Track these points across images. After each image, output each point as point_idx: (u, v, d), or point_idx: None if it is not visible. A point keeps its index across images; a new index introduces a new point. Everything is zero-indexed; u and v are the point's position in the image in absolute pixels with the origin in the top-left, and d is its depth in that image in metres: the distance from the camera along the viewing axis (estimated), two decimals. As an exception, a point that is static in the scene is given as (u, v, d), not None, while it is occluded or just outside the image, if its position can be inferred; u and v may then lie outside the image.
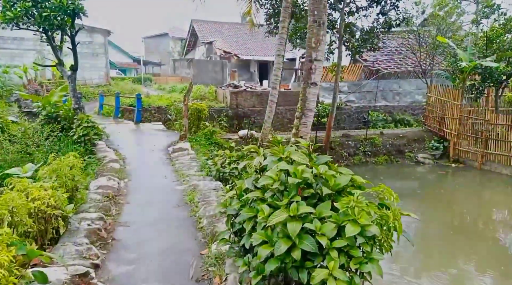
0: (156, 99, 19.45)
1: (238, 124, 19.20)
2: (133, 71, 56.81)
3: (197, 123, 12.17)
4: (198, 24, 36.47)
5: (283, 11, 10.86)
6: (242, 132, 12.97)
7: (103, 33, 26.04)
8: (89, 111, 19.32)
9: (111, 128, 12.89)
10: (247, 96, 19.39)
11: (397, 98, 21.52)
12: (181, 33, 60.41)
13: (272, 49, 36.90)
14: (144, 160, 9.37)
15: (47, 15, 7.78)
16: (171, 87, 29.41)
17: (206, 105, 12.34)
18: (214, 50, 33.97)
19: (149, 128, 13.66)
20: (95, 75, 25.61)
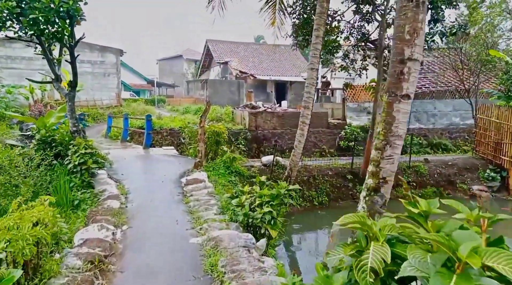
0: (169, 121, 17.91)
1: (258, 148, 17.43)
2: (147, 92, 56.30)
3: (214, 149, 10.42)
4: (213, 44, 35.51)
5: (317, 18, 9.23)
6: (266, 159, 11.16)
7: (115, 53, 25.02)
8: (97, 134, 17.88)
9: (116, 154, 11.24)
10: (267, 117, 17.68)
11: (432, 120, 19.50)
12: (195, 55, 60.12)
13: (289, 69, 35.59)
14: (151, 195, 7.58)
15: (35, 17, 6.32)
16: (185, 108, 27.98)
17: (224, 128, 10.61)
18: (229, 71, 32.76)
19: (159, 153, 11.97)
20: (106, 95, 24.40)
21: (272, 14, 13.11)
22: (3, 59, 22.42)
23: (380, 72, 11.58)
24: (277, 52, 37.26)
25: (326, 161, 12.74)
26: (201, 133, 9.91)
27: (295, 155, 9.95)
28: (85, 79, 24.27)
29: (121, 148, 12.72)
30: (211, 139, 10.17)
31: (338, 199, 11.02)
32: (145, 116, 12.24)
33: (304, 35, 12.60)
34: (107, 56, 24.87)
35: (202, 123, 9.88)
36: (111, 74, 25.03)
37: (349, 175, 11.48)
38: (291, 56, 37.37)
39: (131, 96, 44.28)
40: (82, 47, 24.02)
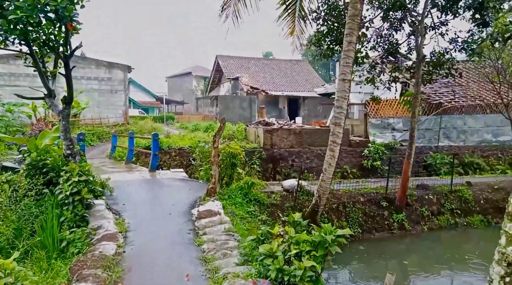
0: (178, 140, 16.67)
1: (274, 169, 16.04)
2: (156, 110, 55.70)
3: (230, 173, 9.06)
4: (223, 60, 34.65)
5: (349, 21, 7.96)
6: (289, 184, 9.73)
7: (123, 69, 24.14)
8: (101, 154, 16.70)
9: (118, 178, 9.95)
10: (284, 135, 16.34)
11: (462, 137, 17.95)
12: (204, 72, 59.72)
13: (302, 84, 34.44)
14: (156, 234, 6.21)
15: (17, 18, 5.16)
16: (194, 125, 26.85)
17: (240, 148, 9.25)
18: (240, 86, 31.73)
19: (167, 177, 10.64)
20: (113, 113, 23.38)
21: (291, 23, 11.93)
22: (7, 77, 21.63)
23: (418, 84, 10.20)
24: (289, 67, 36.27)
25: (354, 184, 11.26)
26: (215, 155, 8.58)
27: (325, 180, 8.52)
28: (91, 97, 23.36)
29: (125, 171, 11.43)
30: (226, 162, 8.82)
31: (372, 230, 9.49)
32: (151, 135, 10.98)
33: (330, 44, 11.35)
34: (114, 73, 23.99)
35: (216, 143, 8.56)
36: (118, 91, 24.09)
37: (383, 202, 9.98)
38: (304, 71, 36.31)
39: (139, 113, 43.54)
40: (89, 63, 23.22)
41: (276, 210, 8.80)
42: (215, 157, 8.61)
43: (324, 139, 16.95)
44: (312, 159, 16.39)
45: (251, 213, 8.01)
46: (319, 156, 16.45)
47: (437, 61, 11.20)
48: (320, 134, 16.65)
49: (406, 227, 9.72)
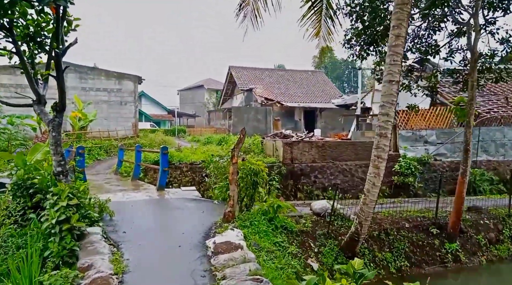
0: (189, 154, 15.37)
1: (294, 185, 14.55)
2: (168, 123, 55.00)
3: (251, 193, 7.63)
4: (236, 71, 33.62)
5: (397, 10, 6.59)
6: (320, 206, 8.23)
7: (133, 80, 23.18)
8: (107, 169, 15.49)
9: (122, 199, 8.64)
10: (305, 148, 14.89)
11: (502, 151, 16.22)
12: (217, 85, 59.06)
13: (318, 95, 33.07)
14: (161, 278, 4.79)
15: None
16: (206, 138, 25.61)
17: (263, 164, 7.83)
18: (254, 98, 30.55)
19: (177, 197, 9.27)
20: (122, 126, 22.31)
21: (317, 22, 10.62)
22: (13, 88, 20.81)
23: (473, 88, 8.69)
24: (304, 77, 35.05)
25: (391, 205, 9.71)
26: (233, 172, 7.19)
27: (367, 204, 7.03)
28: (100, 109, 22.39)
29: (130, 189, 10.11)
30: (246, 180, 7.41)
31: (422, 264, 7.88)
32: (160, 149, 9.66)
33: (363, 43, 9.97)
34: (124, 84, 23.04)
35: (235, 158, 7.18)
36: (128, 103, 23.08)
37: (433, 228, 8.38)
38: (320, 82, 35.01)
39: (151, 126, 42.70)
40: (98, 74, 22.32)
41: (307, 239, 7.31)
42: (233, 174, 7.22)
43: (349, 154, 15.46)
44: (336, 175, 14.86)
45: (279, 244, 6.53)
46: (344, 172, 14.94)
47: (487, 65, 9.70)
48: (345, 147, 15.16)
49: (462, 259, 8.09)
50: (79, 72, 22.06)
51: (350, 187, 14.94)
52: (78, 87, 22.08)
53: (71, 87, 21.86)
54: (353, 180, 14.99)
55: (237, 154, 7.26)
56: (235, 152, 7.25)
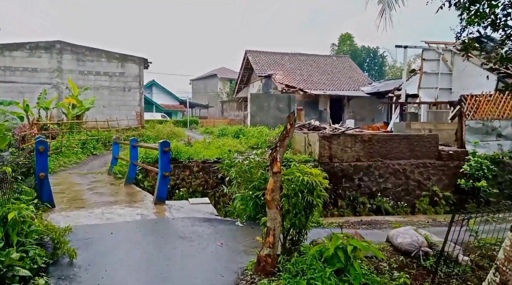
0: (201, 148, 12.40)
1: (334, 191, 11.44)
2: (179, 114, 52.48)
3: (302, 221, 4.52)
4: (253, 55, 30.43)
5: None
6: (408, 240, 5.06)
7: (137, 63, 20.27)
8: (101, 167, 12.65)
9: (99, 219, 5.76)
10: (347, 143, 11.75)
11: None
12: (231, 74, 56.07)
13: (345, 82, 29.60)
14: None
15: None
16: (221, 130, 22.62)
17: (321, 173, 4.73)
18: (273, 85, 27.37)
19: (182, 216, 6.31)
20: (125, 115, 19.48)
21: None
22: (1, 71, 18.14)
23: None
24: (328, 63, 31.65)
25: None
26: (274, 187, 4.15)
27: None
28: (100, 95, 19.61)
29: (116, 201, 7.18)
30: (295, 202, 4.34)
31: None
32: (159, 144, 6.65)
33: None
34: (128, 67, 20.16)
35: (277, 165, 4.12)
36: (132, 89, 20.22)
37: None
38: (346, 67, 31.56)
39: (162, 117, 40.04)
40: (98, 55, 19.48)
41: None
42: (274, 192, 4.17)
43: (402, 150, 12.23)
44: (387, 177, 11.71)
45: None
46: (396, 173, 11.77)
47: None
48: (397, 142, 11.96)
49: None
50: (76, 53, 19.27)
51: (404, 192, 11.77)
52: (75, 70, 19.33)
53: (67, 71, 19.14)
54: (407, 183, 11.82)
55: (280, 157, 4.20)
56: (278, 153, 4.19)
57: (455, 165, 12.09)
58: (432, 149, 12.14)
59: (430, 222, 7.61)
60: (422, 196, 11.70)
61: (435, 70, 17.35)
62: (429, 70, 17.33)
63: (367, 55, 56.79)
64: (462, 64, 16.93)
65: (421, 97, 17.28)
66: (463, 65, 16.89)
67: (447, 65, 17.38)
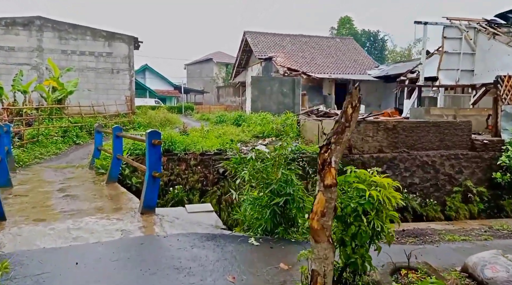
0: (199, 138, 10.73)
1: (353, 187, 9.84)
2: (174, 99, 50.54)
3: (365, 259, 2.94)
4: (252, 37, 28.49)
5: None
6: (503, 277, 3.59)
7: (127, 42, 18.36)
8: (84, 158, 11.01)
9: (62, 240, 4.15)
10: (368, 132, 10.16)
11: None
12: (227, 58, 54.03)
13: (350, 65, 27.82)
14: None
15: None
16: (218, 116, 20.93)
17: (389, 179, 3.18)
18: (274, 68, 25.58)
19: (177, 231, 4.72)
20: (113, 100, 17.67)
21: None
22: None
23: None
24: (332, 45, 29.83)
25: None
26: (326, 210, 2.52)
27: None
28: (85, 78, 17.75)
29: (90, 209, 5.54)
30: (357, 231, 2.76)
31: None
32: (146, 135, 4.98)
33: None
34: (116, 47, 18.25)
35: (331, 174, 2.49)
36: (121, 71, 18.35)
37: None
38: (350, 50, 29.77)
39: (156, 103, 38.14)
40: (82, 33, 17.53)
41: None
42: (326, 217, 2.55)
43: (431, 139, 10.64)
44: (413, 171, 10.17)
45: None
46: (424, 166, 10.23)
47: None
48: (425, 131, 10.39)
49: None
50: (57, 31, 17.30)
51: (433, 188, 10.26)
52: (57, 49, 17.39)
53: (48, 50, 17.21)
54: (437, 177, 10.29)
55: (337, 162, 2.56)
56: (333, 154, 2.55)
57: (490, 156, 10.58)
58: (465, 138, 10.58)
59: (488, 231, 6.14)
60: (454, 192, 10.20)
61: (457, 50, 15.68)
62: (451, 49, 15.66)
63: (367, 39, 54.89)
64: (487, 43, 15.27)
65: (441, 80, 15.64)
66: (488, 44, 15.24)
67: (470, 44, 15.71)
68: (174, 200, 8.74)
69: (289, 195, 4.95)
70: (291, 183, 5.03)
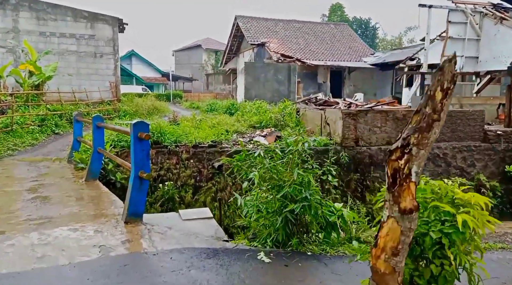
0: (191, 128, 9.75)
1: (360, 182, 9.12)
2: (161, 87, 49.01)
3: None
4: (244, 21, 27.28)
5: None
6: None
7: (111, 23, 17.05)
8: (62, 150, 9.94)
9: (27, 261, 3.23)
10: (376, 121, 9.35)
11: None
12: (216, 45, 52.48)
13: (345, 52, 26.89)
14: None
15: None
16: (209, 105, 19.92)
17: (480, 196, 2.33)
18: (266, 55, 24.53)
19: (170, 246, 3.84)
20: (96, 86, 16.46)
21: None
22: None
23: None
24: (327, 31, 28.84)
25: None
26: (399, 245, 1.65)
27: None
28: (66, 62, 16.47)
29: (63, 215, 4.60)
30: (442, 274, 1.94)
31: None
32: (131, 127, 4.04)
33: None
34: (99, 29, 16.93)
35: (410, 193, 1.63)
36: (105, 55, 17.09)
37: None
38: (345, 36, 28.85)
39: (143, 90, 36.69)
40: (62, 14, 16.16)
41: None
42: (398, 256, 1.68)
43: (443, 130, 9.91)
44: (424, 164, 9.39)
45: None
46: (435, 159, 9.50)
47: None
48: (437, 120, 9.58)
49: None
50: (35, 10, 15.90)
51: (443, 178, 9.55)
52: (35, 31, 16.01)
53: (25, 31, 15.83)
54: (448, 171, 9.58)
55: (418, 175, 1.69)
56: (413, 161, 1.69)
57: (503, 148, 9.91)
58: (477, 128, 9.87)
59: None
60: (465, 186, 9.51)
61: (461, 35, 14.92)
62: (455, 35, 14.88)
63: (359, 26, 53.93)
64: (493, 28, 14.54)
65: (445, 68, 14.86)
66: (494, 29, 14.50)
67: (475, 29, 14.96)
68: (164, 198, 7.83)
69: (305, 199, 4.11)
70: (308, 185, 4.18)
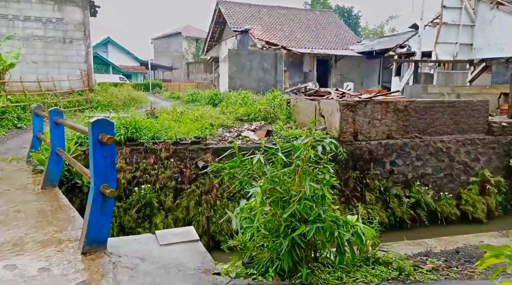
0: (170, 122, 8.63)
1: (359, 179, 8.29)
2: (140, 76, 47.07)
3: None
4: (226, 7, 25.95)
5: None
6: None
7: (81, 6, 15.54)
8: (22, 148, 8.67)
9: None
10: (376, 113, 8.54)
11: None
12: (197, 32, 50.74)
13: (331, 40, 26.00)
14: None
15: None
16: (190, 95, 18.75)
17: None
18: (250, 42, 23.39)
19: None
20: (65, 74, 15.02)
21: None
22: None
23: None
24: (312, 18, 27.86)
25: None
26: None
27: None
28: (32, 47, 14.94)
29: (8, 244, 3.52)
30: None
31: None
32: (90, 125, 3.02)
33: None
34: (67, 11, 15.41)
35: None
36: (75, 41, 15.61)
37: None
38: (331, 24, 27.96)
39: (120, 80, 34.87)
40: (25, -6, 14.56)
41: None
42: None
43: (445, 122, 9.12)
44: (426, 159, 8.70)
45: None
46: (438, 154, 8.77)
47: None
48: (441, 112, 8.88)
49: None
50: (-8, -10, 14.24)
51: (447, 179, 8.87)
52: (-6, 14, 14.39)
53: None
54: (451, 166, 8.89)
55: None
56: None
57: (507, 141, 9.30)
58: (481, 120, 9.20)
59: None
60: (470, 183, 8.87)
61: (456, 21, 14.24)
62: (450, 21, 14.19)
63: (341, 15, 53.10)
64: (489, 14, 13.91)
65: (438, 55, 14.22)
66: (490, 15, 13.87)
67: (470, 15, 14.31)
68: (140, 203, 6.81)
69: (319, 218, 3.20)
70: (322, 200, 3.27)
